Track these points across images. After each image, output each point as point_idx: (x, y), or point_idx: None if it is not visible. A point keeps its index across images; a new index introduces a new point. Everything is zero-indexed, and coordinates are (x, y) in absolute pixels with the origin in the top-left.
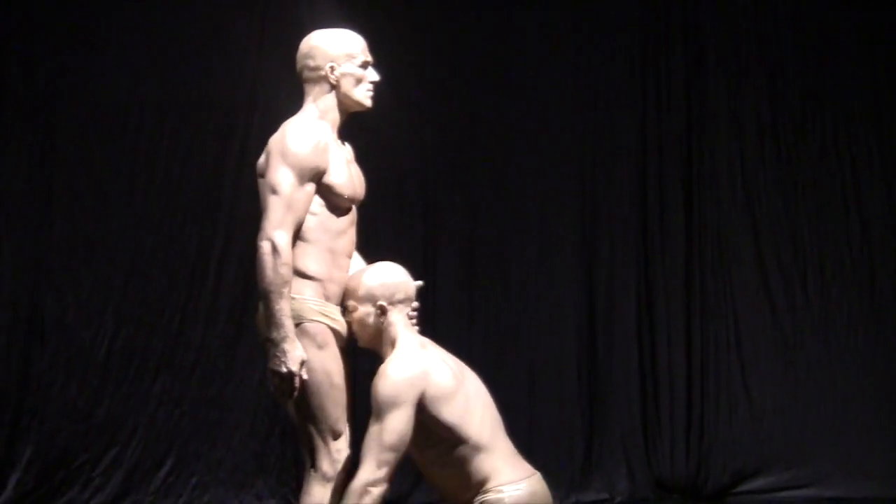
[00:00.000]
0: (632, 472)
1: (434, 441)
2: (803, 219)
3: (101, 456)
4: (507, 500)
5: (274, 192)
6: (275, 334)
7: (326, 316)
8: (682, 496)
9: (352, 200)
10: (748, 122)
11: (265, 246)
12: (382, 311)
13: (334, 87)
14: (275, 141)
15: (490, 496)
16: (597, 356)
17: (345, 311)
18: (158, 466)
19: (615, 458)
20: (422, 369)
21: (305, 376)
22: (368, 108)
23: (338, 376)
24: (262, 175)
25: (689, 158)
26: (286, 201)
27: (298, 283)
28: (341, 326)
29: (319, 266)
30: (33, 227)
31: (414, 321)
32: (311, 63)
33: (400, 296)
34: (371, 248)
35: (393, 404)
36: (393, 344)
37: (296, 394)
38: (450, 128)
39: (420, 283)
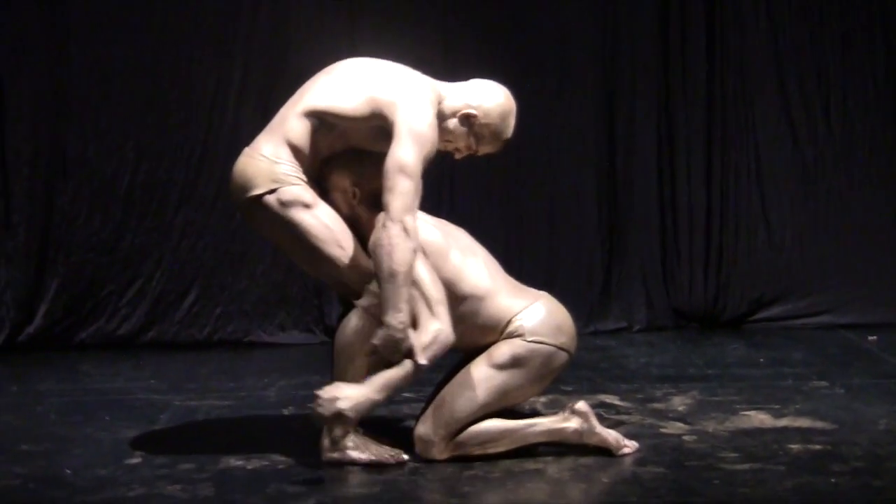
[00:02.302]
0: (650, 300)
1: None
2: (827, 47)
3: (127, 287)
4: (526, 325)
5: (403, 171)
6: (394, 320)
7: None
8: (699, 324)
9: None
10: None
11: (395, 229)
12: (358, 189)
13: (460, 119)
14: (402, 100)
15: (510, 328)
16: (616, 187)
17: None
18: (183, 297)
19: (634, 287)
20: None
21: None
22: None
23: (337, 222)
24: (373, 102)
25: None
26: (417, 184)
27: (283, 150)
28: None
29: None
30: (51, 61)
31: None
32: (482, 110)
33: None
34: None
35: None
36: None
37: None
38: None
39: None
